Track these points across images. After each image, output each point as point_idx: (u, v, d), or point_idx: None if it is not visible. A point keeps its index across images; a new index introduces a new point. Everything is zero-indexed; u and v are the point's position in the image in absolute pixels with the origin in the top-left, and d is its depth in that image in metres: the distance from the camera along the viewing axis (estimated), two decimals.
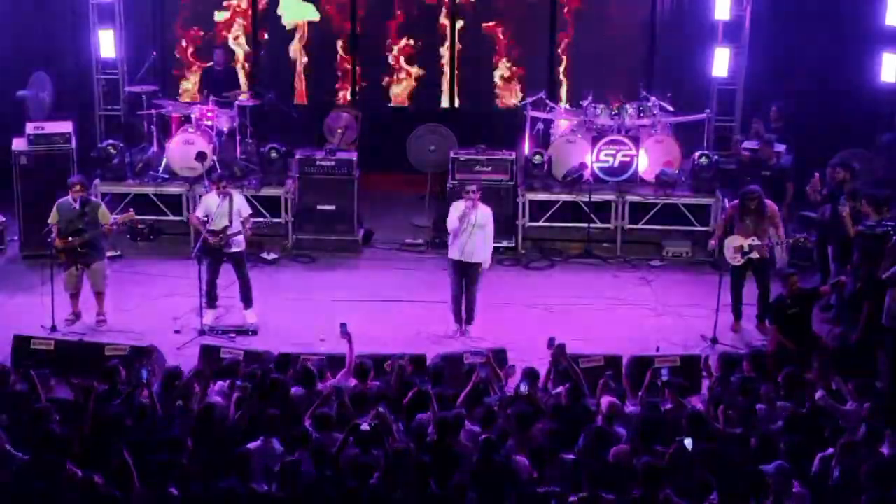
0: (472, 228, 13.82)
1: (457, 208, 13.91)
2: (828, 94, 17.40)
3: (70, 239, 13.92)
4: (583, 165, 16.91)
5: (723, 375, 11.72)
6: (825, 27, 17.16)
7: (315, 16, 18.97)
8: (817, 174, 14.92)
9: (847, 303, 13.77)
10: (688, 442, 9.79)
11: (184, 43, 18.94)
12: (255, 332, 14.12)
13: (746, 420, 10.64)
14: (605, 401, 10.86)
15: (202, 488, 9.42)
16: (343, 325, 12.08)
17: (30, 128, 16.22)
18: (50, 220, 14.03)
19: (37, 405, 10.57)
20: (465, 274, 14.06)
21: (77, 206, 13.99)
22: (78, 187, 14.02)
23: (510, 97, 19.13)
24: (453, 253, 14.03)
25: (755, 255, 13.99)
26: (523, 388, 10.86)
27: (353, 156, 16.92)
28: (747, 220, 14.04)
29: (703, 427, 10.31)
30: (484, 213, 13.96)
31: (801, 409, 10.77)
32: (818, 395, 11.07)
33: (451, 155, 16.89)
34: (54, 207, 14.07)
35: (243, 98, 17.60)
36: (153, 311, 14.64)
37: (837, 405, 10.97)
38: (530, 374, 11.25)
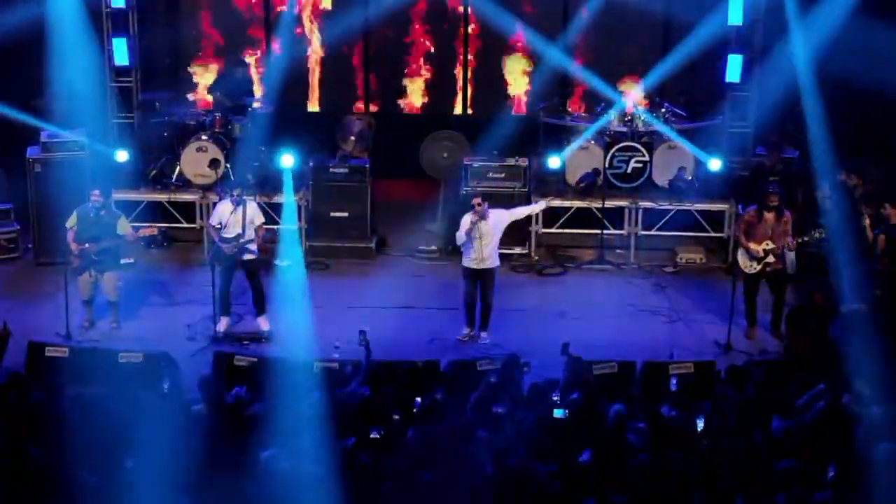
0: (484, 237, 13.83)
1: (465, 222, 13.90)
2: (845, 100, 17.30)
3: (86, 245, 13.95)
4: (596, 172, 16.91)
5: (732, 386, 11.68)
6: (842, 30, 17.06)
7: None
8: (827, 180, 14.91)
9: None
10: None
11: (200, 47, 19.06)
12: (268, 339, 14.15)
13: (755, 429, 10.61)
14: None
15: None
16: (362, 332, 12.05)
17: (44, 135, 16.29)
18: (68, 224, 14.06)
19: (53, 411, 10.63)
20: (480, 280, 14.07)
21: (94, 213, 14.01)
22: (97, 194, 14.05)
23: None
24: (468, 261, 14.04)
25: (771, 259, 13.95)
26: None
27: (366, 163, 16.95)
28: (765, 223, 13.99)
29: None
30: (495, 219, 13.97)
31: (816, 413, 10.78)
32: (844, 399, 11.02)
33: (464, 162, 16.91)
34: (74, 212, 14.12)
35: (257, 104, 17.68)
36: (167, 318, 14.68)
37: (863, 409, 10.92)
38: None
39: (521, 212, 14.84)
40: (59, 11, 16.84)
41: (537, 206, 15.40)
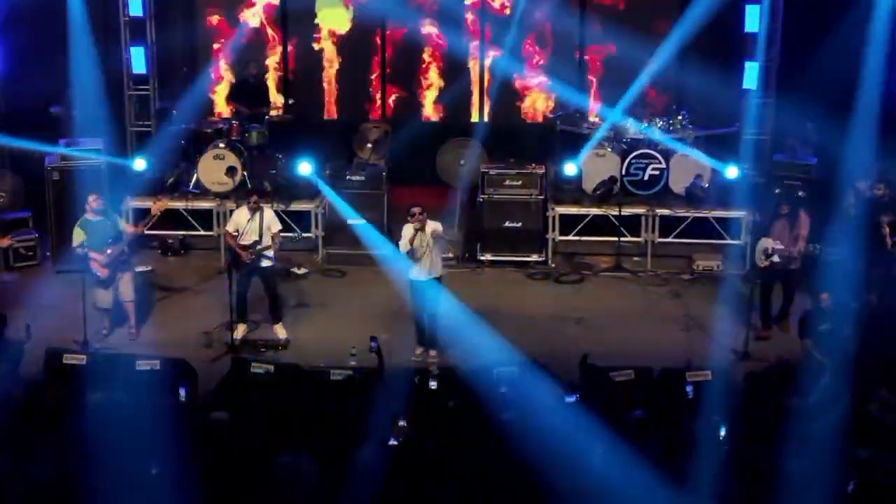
0: (428, 248, 13.67)
1: (407, 232, 13.62)
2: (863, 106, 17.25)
3: (109, 251, 13.95)
4: (612, 179, 16.91)
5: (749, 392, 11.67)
6: (858, 38, 17.01)
7: (346, 24, 19.04)
8: (852, 188, 14.88)
9: (884, 315, 13.67)
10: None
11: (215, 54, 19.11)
12: (285, 346, 14.17)
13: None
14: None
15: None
16: (373, 339, 12.07)
17: (62, 144, 16.36)
18: (75, 242, 14.00)
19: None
20: (428, 292, 13.86)
21: (95, 220, 13.99)
22: (95, 199, 14.00)
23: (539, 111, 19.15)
24: (418, 273, 13.72)
25: (776, 258, 13.99)
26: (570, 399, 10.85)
27: (383, 170, 16.98)
28: (778, 224, 14.10)
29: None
30: (434, 229, 13.64)
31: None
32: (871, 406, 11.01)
33: (481, 169, 16.91)
34: (76, 227, 14.03)
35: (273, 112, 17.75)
36: (184, 325, 14.70)
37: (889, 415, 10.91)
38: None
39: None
40: (76, 18, 16.96)
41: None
